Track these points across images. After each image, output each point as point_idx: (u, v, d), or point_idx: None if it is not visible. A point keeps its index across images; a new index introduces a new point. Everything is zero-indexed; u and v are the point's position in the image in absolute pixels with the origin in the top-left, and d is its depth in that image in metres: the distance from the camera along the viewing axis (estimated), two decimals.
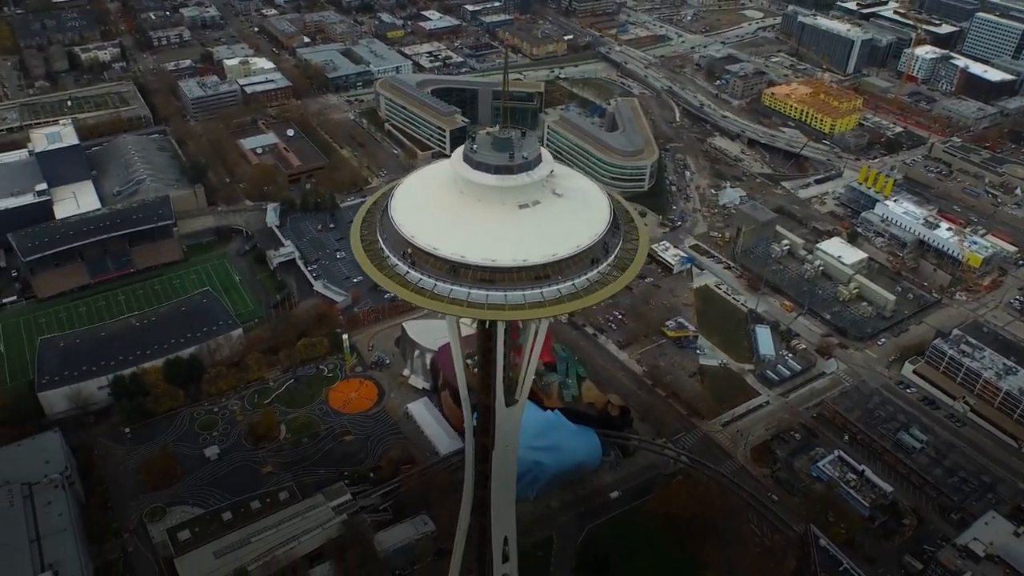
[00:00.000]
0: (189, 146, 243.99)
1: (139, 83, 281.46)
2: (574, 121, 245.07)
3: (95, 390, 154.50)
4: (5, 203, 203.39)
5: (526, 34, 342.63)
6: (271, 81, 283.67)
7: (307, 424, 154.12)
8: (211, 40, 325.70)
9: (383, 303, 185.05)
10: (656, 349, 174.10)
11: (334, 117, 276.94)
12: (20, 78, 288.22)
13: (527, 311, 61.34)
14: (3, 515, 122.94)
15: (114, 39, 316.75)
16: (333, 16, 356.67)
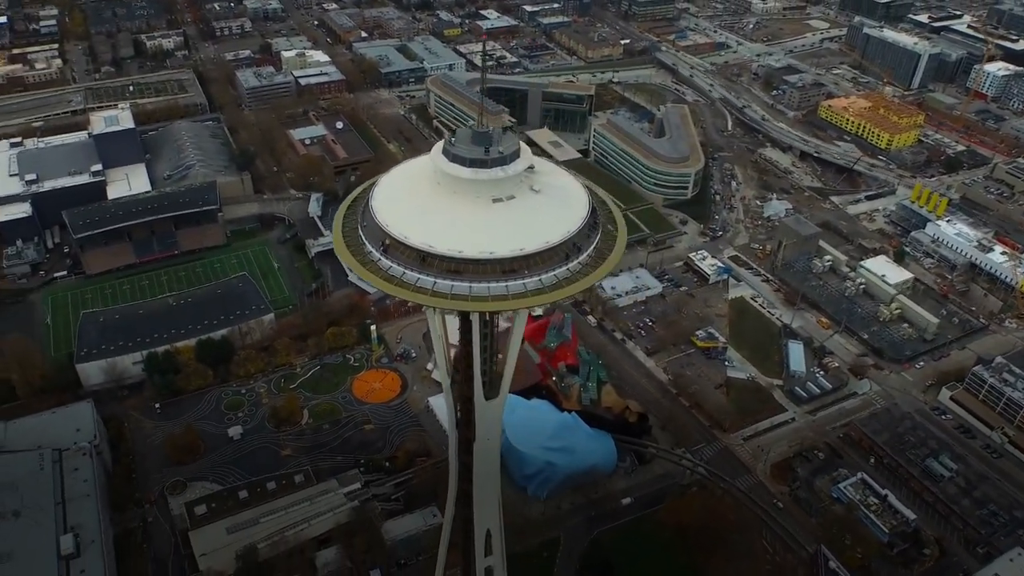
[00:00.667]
0: (240, 134, 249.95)
1: (199, 71, 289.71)
2: (621, 125, 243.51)
3: (130, 365, 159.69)
4: (62, 182, 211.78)
5: (582, 36, 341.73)
6: (325, 74, 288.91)
7: (329, 411, 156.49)
8: (271, 32, 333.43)
9: None
10: (684, 358, 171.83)
11: (384, 112, 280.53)
12: (88, 63, 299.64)
13: (490, 303, 61.56)
14: (33, 478, 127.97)
15: (179, 28, 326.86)
16: (392, 12, 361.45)
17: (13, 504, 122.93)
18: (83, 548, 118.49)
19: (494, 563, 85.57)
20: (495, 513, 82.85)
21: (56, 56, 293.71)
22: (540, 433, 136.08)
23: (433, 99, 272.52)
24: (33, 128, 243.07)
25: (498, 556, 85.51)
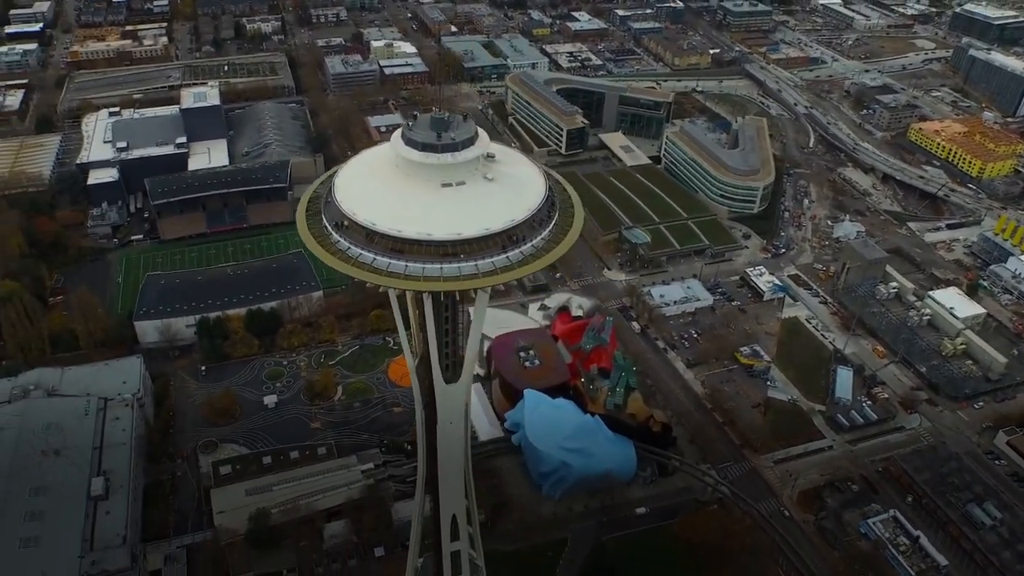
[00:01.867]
0: (321, 118, 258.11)
1: (291, 56, 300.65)
2: (693, 134, 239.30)
3: (183, 327, 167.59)
4: (149, 151, 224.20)
5: (671, 44, 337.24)
6: (410, 65, 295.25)
7: (362, 390, 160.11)
8: (365, 21, 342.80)
9: None
10: (724, 373, 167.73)
11: (463, 105, 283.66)
12: (192, 42, 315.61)
13: (422, 283, 62.21)
14: (77, 421, 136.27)
15: (278, 14, 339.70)
16: (484, 9, 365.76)
17: (56, 443, 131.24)
18: (112, 492, 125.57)
19: (464, 548, 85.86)
20: (461, 498, 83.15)
21: (163, 34, 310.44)
22: (558, 432, 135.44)
23: (511, 96, 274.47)
24: (133, 100, 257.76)
25: (466, 542, 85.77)
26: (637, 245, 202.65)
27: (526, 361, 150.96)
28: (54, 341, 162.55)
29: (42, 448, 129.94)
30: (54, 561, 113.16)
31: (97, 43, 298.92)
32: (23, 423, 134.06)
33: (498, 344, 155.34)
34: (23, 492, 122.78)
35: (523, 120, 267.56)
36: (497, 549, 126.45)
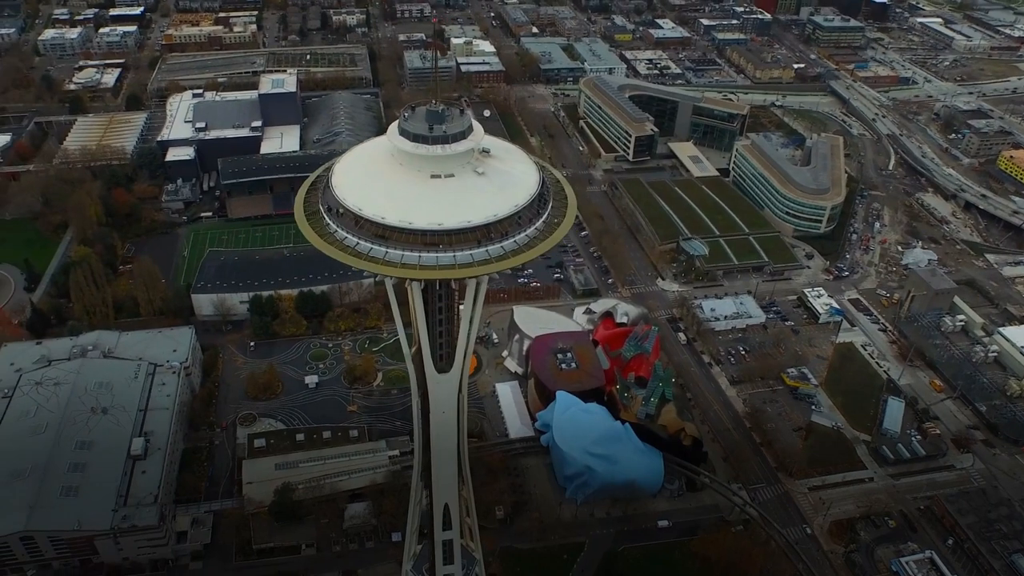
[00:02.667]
0: (393, 110, 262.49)
1: (372, 48, 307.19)
2: (763, 148, 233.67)
3: (237, 303, 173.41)
4: (226, 133, 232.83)
5: (754, 56, 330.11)
6: (487, 63, 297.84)
7: (401, 378, 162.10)
8: (448, 19, 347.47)
9: (515, 286, 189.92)
10: (768, 393, 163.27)
11: (536, 106, 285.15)
12: (279, 30, 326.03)
13: (398, 269, 62.69)
14: (126, 383, 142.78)
15: (364, 7, 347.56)
16: (567, 12, 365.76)
17: (105, 402, 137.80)
18: (150, 453, 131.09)
19: (454, 537, 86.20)
20: (454, 488, 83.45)
21: (253, 22, 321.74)
22: (585, 436, 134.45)
23: (583, 100, 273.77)
24: (217, 83, 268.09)
25: (457, 531, 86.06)
26: (694, 257, 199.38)
27: (563, 363, 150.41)
28: (117, 306, 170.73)
29: (92, 405, 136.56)
30: (90, 511, 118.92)
31: (191, 28, 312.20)
32: (78, 380, 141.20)
33: (537, 344, 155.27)
34: (70, 444, 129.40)
35: (593, 124, 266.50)
36: (513, 546, 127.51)
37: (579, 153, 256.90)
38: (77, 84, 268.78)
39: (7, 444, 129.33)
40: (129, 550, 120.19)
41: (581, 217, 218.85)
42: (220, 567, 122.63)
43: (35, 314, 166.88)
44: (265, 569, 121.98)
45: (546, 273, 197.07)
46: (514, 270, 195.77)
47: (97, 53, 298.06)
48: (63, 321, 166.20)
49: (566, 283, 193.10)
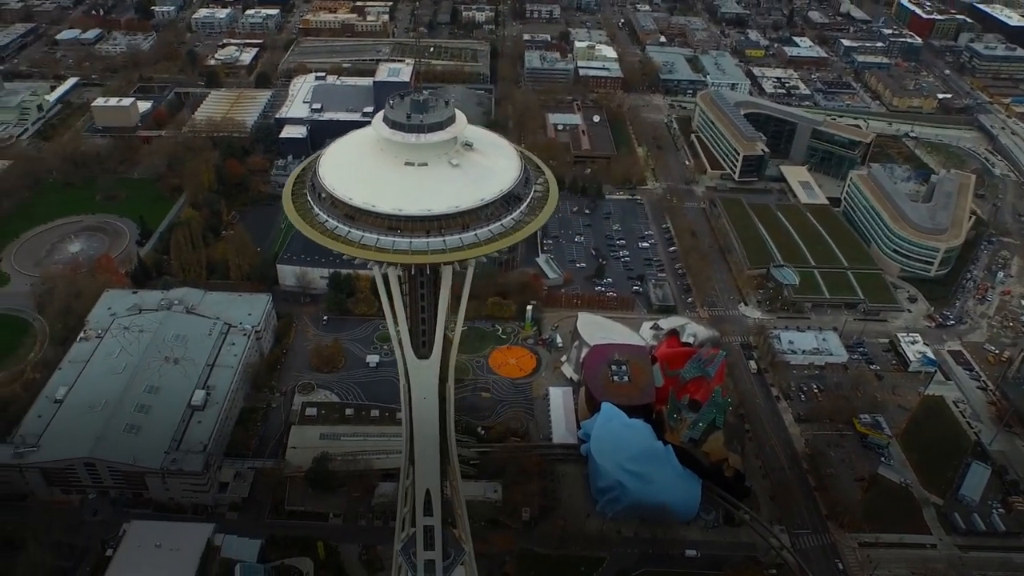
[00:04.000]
0: (504, 107, 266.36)
1: (495, 46, 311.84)
2: (879, 180, 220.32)
3: (317, 277, 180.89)
4: (339, 115, 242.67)
5: (894, 82, 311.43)
6: (606, 69, 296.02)
7: (459, 369, 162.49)
8: (577, 21, 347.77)
9: (590, 293, 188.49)
10: (835, 437, 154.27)
11: (649, 116, 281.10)
12: (410, 22, 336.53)
13: (355, 248, 63.86)
14: (200, 338, 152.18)
15: (495, 4, 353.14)
16: (699, 23, 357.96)
17: (178, 353, 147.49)
18: (208, 405, 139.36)
19: (434, 523, 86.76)
20: (435, 474, 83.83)
21: (386, 12, 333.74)
22: (622, 451, 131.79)
23: (698, 113, 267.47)
24: (341, 68, 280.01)
25: (437, 517, 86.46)
26: (783, 285, 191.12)
27: (615, 375, 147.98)
28: (211, 268, 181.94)
29: (166, 355, 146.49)
30: (145, 450, 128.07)
31: (327, 14, 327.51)
32: (159, 330, 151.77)
33: (594, 352, 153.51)
34: (140, 387, 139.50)
35: (704, 139, 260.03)
36: (532, 550, 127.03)
37: (684, 167, 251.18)
38: (217, 60, 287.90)
39: (90, 379, 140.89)
40: (175, 491, 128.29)
41: (672, 232, 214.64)
42: (253, 521, 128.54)
43: (139, 266, 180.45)
44: (293, 530, 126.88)
45: (626, 284, 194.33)
46: (596, 279, 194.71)
47: (240, 33, 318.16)
48: (161, 275, 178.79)
49: (643, 297, 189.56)
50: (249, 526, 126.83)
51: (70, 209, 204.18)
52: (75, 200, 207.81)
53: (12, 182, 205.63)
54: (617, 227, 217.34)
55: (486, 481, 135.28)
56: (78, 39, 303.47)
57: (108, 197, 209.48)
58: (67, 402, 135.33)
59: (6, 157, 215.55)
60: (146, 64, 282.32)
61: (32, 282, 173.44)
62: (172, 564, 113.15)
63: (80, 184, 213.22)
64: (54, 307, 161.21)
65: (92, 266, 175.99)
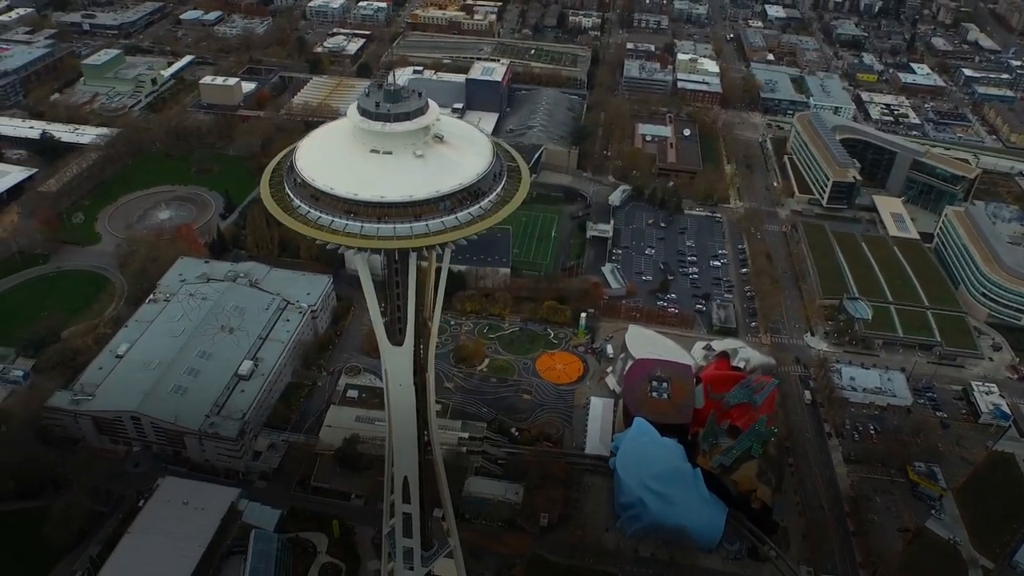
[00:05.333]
0: (595, 114, 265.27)
1: (596, 52, 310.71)
2: (976, 218, 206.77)
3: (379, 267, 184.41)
4: None
5: (1014, 117, 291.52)
6: (705, 83, 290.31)
7: (505, 368, 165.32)
8: (684, 34, 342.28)
9: (651, 306, 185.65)
10: (885, 483, 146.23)
11: (743, 134, 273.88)
12: (517, 23, 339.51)
13: (309, 229, 64.87)
14: (257, 312, 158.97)
15: (605, 11, 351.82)
16: (812, 43, 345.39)
17: (234, 323, 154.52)
18: (254, 376, 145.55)
19: (412, 511, 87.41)
20: (413, 462, 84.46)
21: (494, 12, 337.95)
22: (647, 469, 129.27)
23: (794, 135, 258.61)
24: (440, 63, 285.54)
25: (415, 504, 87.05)
26: (855, 319, 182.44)
27: (654, 391, 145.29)
28: (283, 246, 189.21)
29: (223, 324, 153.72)
30: (188, 411, 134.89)
31: (436, 11, 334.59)
32: (220, 300, 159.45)
33: (636, 366, 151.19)
34: (193, 351, 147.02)
35: (797, 161, 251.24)
36: (543, 556, 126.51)
37: (771, 188, 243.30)
38: (325, 48, 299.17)
39: (150, 339, 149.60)
40: (210, 453, 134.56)
41: (748, 253, 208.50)
42: (279, 492, 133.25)
43: (218, 238, 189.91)
44: (315, 505, 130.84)
45: (690, 302, 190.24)
46: (659, 294, 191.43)
47: (350, 23, 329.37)
48: (236, 249, 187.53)
49: (705, 316, 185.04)
50: (274, 496, 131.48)
51: (166, 179, 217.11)
52: (172, 171, 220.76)
53: (118, 149, 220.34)
54: (691, 243, 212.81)
55: (509, 482, 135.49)
56: (200, 20, 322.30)
57: (202, 170, 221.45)
58: (126, 358, 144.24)
59: (116, 125, 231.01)
60: (258, 47, 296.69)
61: (118, 243, 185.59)
62: (195, 521, 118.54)
63: (179, 156, 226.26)
64: (133, 268, 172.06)
65: (174, 234, 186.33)
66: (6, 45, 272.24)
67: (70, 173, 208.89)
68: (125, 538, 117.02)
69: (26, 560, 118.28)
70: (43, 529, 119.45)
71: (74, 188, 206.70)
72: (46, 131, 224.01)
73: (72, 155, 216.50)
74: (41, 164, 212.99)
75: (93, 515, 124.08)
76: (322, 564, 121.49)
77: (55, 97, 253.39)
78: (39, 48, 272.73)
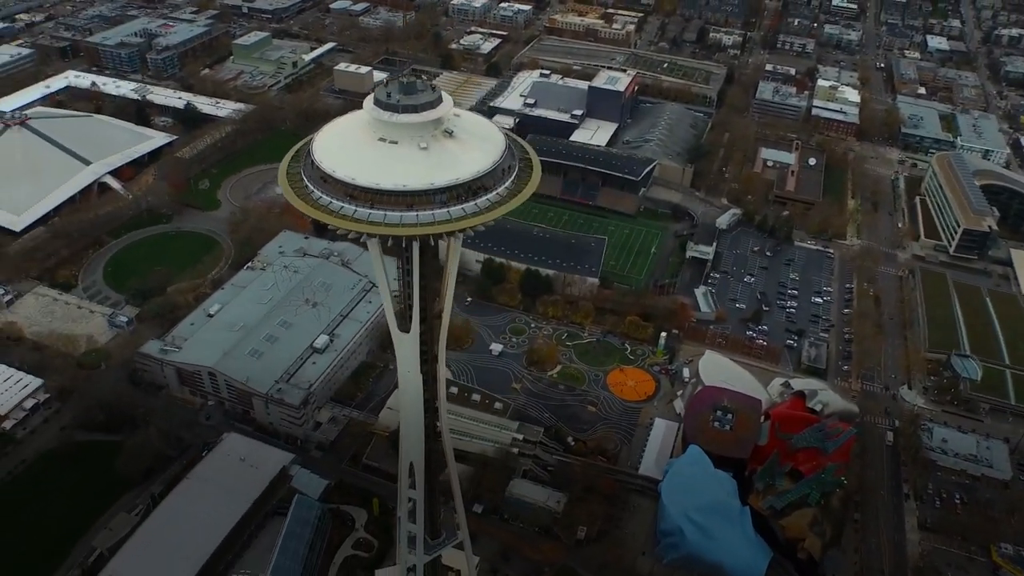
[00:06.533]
0: (717, 133, 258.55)
1: (731, 70, 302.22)
2: None
3: (472, 260, 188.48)
4: (548, 113, 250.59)
5: None
6: (843, 113, 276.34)
7: (575, 377, 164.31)
8: (830, 59, 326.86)
9: (739, 335, 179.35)
10: (961, 559, 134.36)
11: (875, 169, 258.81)
12: (656, 36, 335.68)
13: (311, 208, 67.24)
14: (343, 291, 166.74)
15: (748, 31, 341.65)
16: (971, 79, 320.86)
17: (319, 298, 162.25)
18: (328, 350, 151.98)
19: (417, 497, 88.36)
20: (419, 449, 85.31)
21: (633, 23, 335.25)
22: (693, 498, 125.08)
23: (930, 175, 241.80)
24: (569, 68, 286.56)
25: (420, 491, 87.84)
26: (961, 378, 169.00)
27: (716, 420, 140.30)
28: None
29: (307, 297, 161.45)
30: (259, 374, 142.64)
31: (575, 17, 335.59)
32: (309, 275, 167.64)
33: (703, 393, 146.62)
34: (276, 319, 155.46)
35: (929, 203, 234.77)
36: (574, 569, 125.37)
37: (895, 229, 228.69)
38: (460, 45, 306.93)
39: (241, 303, 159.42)
40: (274, 417, 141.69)
41: (855, 293, 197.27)
42: (331, 464, 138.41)
43: None
44: (362, 481, 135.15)
45: (782, 336, 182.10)
46: (747, 321, 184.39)
47: (489, 23, 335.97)
48: None
49: (794, 352, 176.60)
50: (326, 466, 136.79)
51: None
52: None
53: (251, 124, 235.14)
54: (795, 276, 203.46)
55: (553, 490, 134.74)
56: (347, 9, 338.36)
57: None
58: (216, 318, 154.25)
59: (253, 102, 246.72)
60: (396, 39, 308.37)
61: (233, 211, 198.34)
62: (246, 478, 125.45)
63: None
64: (240, 236, 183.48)
65: (284, 208, 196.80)
66: (171, 23, 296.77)
67: (204, 142, 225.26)
68: (183, 483, 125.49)
69: (98, 487, 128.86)
70: (117, 462, 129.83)
71: (206, 156, 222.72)
72: (190, 102, 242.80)
73: (209, 126, 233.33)
74: (182, 132, 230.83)
75: (162, 457, 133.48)
76: (357, 538, 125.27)
77: (205, 72, 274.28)
78: (199, 27, 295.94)
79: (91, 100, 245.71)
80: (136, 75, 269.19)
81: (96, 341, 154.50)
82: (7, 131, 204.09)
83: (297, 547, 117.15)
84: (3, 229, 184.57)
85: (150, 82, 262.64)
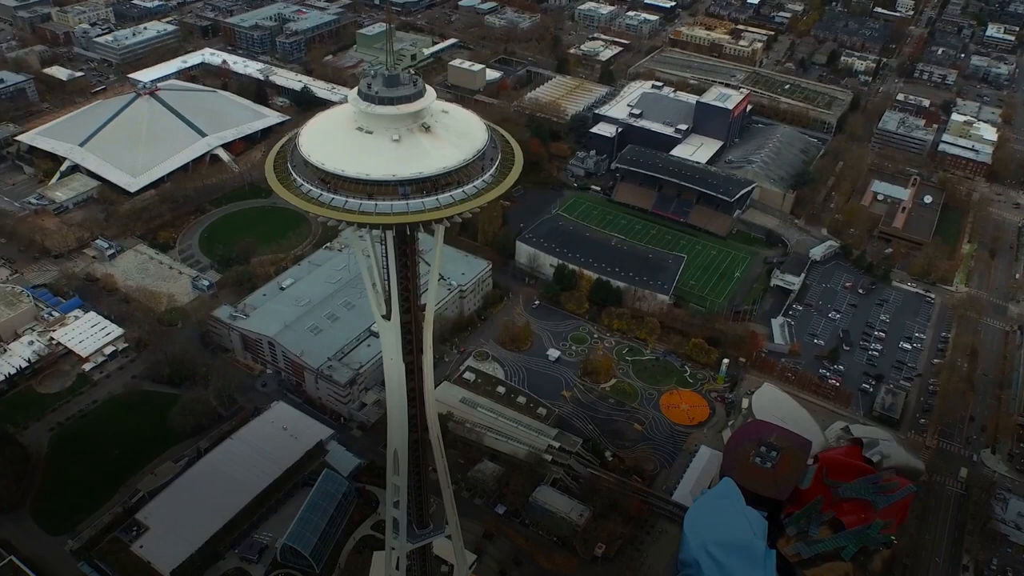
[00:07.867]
0: (829, 160, 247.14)
1: (858, 97, 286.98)
2: None
3: (546, 264, 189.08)
4: (653, 126, 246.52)
5: None
6: (973, 151, 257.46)
7: (628, 393, 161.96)
8: (972, 94, 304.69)
9: (810, 372, 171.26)
10: None
11: (1000, 214, 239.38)
12: (784, 55, 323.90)
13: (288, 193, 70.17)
14: None
15: (885, 56, 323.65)
16: None
17: None
18: None
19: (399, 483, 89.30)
20: (404, 437, 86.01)
21: (762, 41, 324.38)
22: (715, 532, 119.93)
23: None
24: (684, 82, 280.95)
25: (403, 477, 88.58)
26: None
27: (757, 456, 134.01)
28: (463, 226, 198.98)
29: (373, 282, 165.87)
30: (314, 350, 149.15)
31: (701, 30, 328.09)
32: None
33: (751, 426, 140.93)
34: (339, 299, 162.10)
35: None
36: None
37: (1010, 280, 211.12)
38: (579, 51, 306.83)
39: (311, 280, 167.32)
40: (323, 392, 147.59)
41: (950, 344, 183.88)
42: (367, 444, 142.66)
43: None
44: None
45: (858, 379, 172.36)
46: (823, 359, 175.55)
47: (613, 30, 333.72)
48: None
49: (868, 397, 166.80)
50: (363, 446, 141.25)
51: None
52: None
53: None
54: (885, 317, 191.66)
55: (579, 502, 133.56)
56: (475, 8, 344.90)
57: None
58: (287, 291, 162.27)
59: None
60: (516, 40, 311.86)
61: None
62: (285, 446, 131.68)
63: None
64: None
65: None
66: (305, 9, 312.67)
67: None
68: (227, 442, 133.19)
69: (152, 435, 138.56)
70: (172, 412, 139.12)
71: None
72: (307, 86, 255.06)
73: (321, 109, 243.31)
74: (295, 113, 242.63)
75: (214, 415, 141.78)
76: (377, 520, 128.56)
77: (328, 58, 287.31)
78: (329, 14, 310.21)
79: (220, 77, 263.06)
80: (265, 56, 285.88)
81: (177, 300, 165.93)
82: (137, 100, 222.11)
83: (318, 519, 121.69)
84: (120, 189, 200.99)
85: (276, 64, 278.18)
